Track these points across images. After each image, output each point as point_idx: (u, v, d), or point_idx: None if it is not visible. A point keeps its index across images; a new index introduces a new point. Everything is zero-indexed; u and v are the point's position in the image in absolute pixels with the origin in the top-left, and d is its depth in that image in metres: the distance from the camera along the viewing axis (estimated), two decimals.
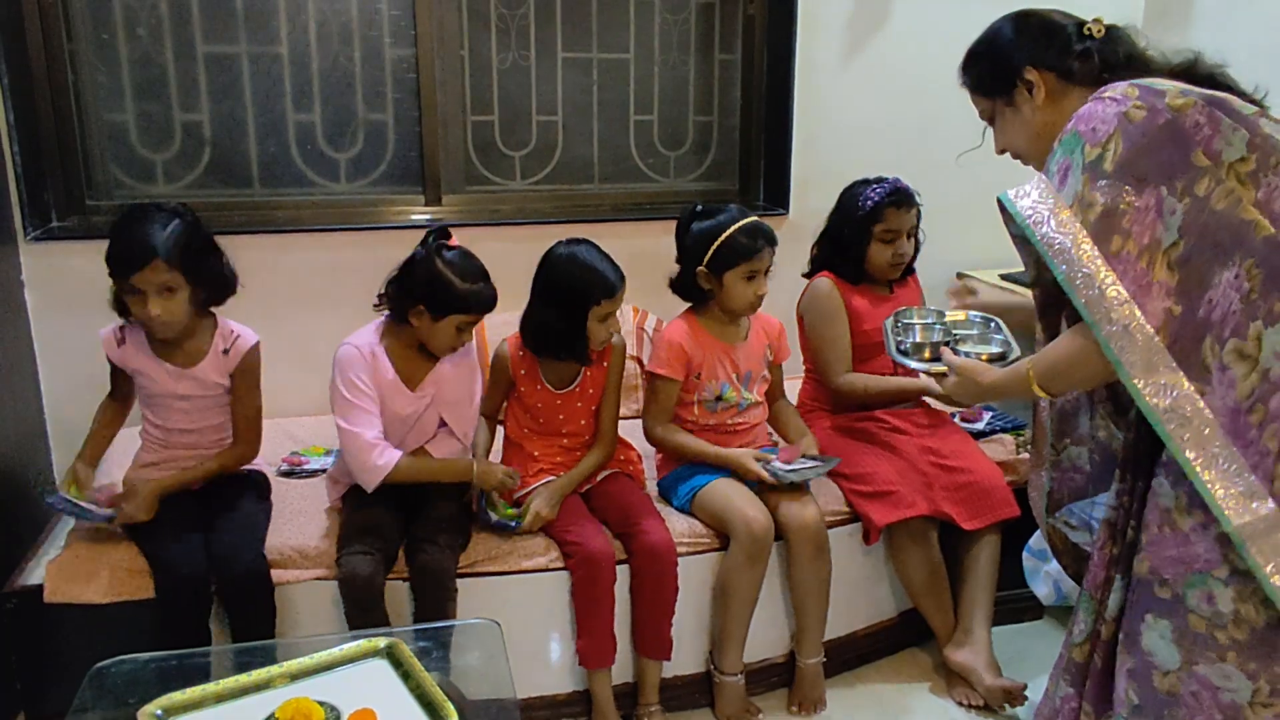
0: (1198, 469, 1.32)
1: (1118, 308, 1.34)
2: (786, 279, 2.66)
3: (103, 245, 2.08)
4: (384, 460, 2.16)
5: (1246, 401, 1.32)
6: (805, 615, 2.40)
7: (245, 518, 2.21)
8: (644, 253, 2.58)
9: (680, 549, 2.31)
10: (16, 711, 2.20)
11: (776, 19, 3.22)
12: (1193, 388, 1.34)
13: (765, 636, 2.45)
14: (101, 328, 2.20)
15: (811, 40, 3.14)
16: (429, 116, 3.02)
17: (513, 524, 2.28)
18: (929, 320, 2.12)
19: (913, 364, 1.92)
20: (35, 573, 2.17)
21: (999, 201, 1.52)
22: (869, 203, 2.57)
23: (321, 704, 1.47)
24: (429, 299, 2.16)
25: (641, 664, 2.34)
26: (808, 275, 2.71)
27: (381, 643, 1.64)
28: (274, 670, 1.57)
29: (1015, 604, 2.74)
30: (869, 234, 2.59)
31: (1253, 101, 1.49)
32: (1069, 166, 1.43)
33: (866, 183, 2.61)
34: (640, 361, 2.89)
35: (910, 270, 2.73)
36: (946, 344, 1.87)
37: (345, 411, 2.18)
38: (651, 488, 2.54)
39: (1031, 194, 1.46)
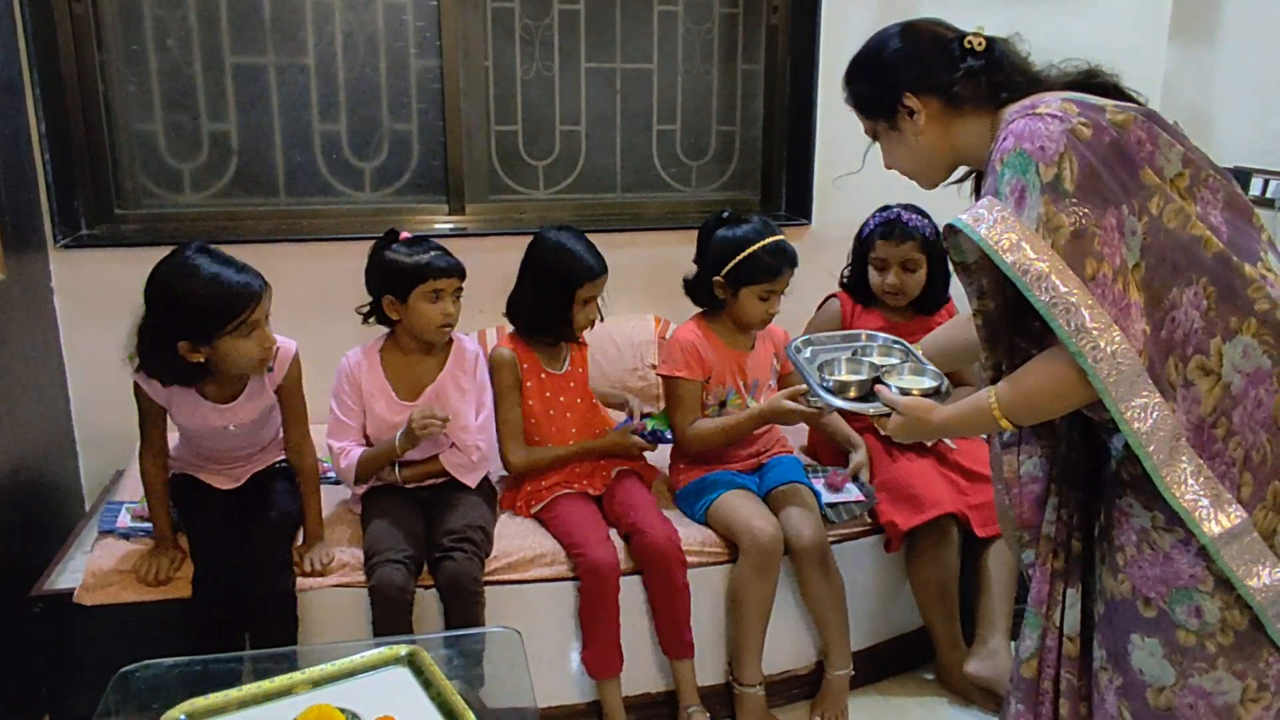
0: (1170, 486, 1.34)
1: (1103, 333, 1.30)
2: (807, 290, 2.66)
3: (131, 253, 2.11)
4: (345, 464, 2.28)
5: (1211, 416, 1.35)
6: (827, 629, 2.39)
7: (279, 521, 2.22)
8: (666, 262, 2.59)
9: (697, 559, 2.31)
10: (42, 714, 2.22)
11: (799, 29, 3.22)
12: (1167, 408, 1.33)
13: (787, 648, 2.45)
14: (125, 333, 2.21)
15: (834, 50, 3.13)
16: (453, 126, 3.04)
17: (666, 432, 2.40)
18: (837, 347, 1.94)
19: (847, 405, 1.74)
20: (63, 577, 2.19)
21: (950, 228, 1.44)
22: (866, 229, 2.66)
23: (343, 711, 1.48)
24: (391, 286, 2.25)
25: (673, 666, 2.34)
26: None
27: (402, 650, 1.65)
28: (296, 677, 1.58)
29: None
30: (864, 259, 2.66)
31: (1138, 102, 1.48)
32: (1024, 188, 1.36)
33: (885, 208, 2.66)
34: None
35: (943, 300, 2.71)
36: (877, 380, 1.71)
37: (330, 422, 2.32)
38: (667, 497, 2.54)
39: (987, 218, 1.38)
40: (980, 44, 1.52)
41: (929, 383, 1.72)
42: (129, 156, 2.88)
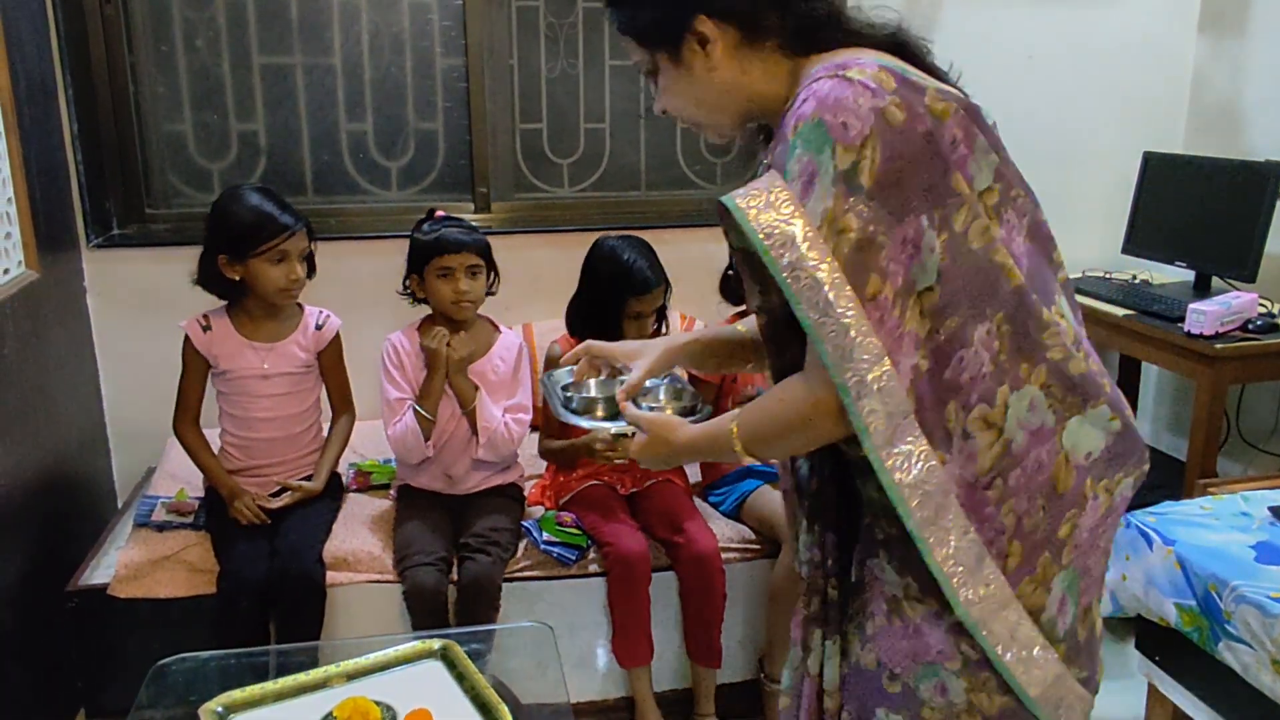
0: (932, 549, 1.14)
1: (872, 366, 1.08)
2: None
3: (162, 252, 2.15)
4: (401, 427, 2.27)
5: (986, 476, 1.15)
6: None
7: (314, 517, 2.25)
8: (690, 259, 2.59)
9: (729, 555, 2.31)
10: (77, 709, 2.25)
11: None
12: (936, 457, 1.13)
13: None
14: (156, 331, 2.25)
15: None
16: (478, 125, 3.05)
17: (573, 555, 2.27)
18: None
19: (590, 424, 1.51)
20: (97, 572, 2.22)
21: (722, 207, 1.20)
22: None
23: (378, 703, 1.49)
24: (411, 263, 2.29)
25: (696, 671, 2.34)
26: None
27: (436, 644, 1.66)
28: (331, 670, 1.59)
29: None
30: None
31: (956, 87, 1.23)
32: (814, 172, 1.11)
33: None
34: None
35: None
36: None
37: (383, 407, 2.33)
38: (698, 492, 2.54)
39: (761, 200, 1.14)
40: None
41: (685, 402, 1.53)
42: (159, 156, 2.91)
